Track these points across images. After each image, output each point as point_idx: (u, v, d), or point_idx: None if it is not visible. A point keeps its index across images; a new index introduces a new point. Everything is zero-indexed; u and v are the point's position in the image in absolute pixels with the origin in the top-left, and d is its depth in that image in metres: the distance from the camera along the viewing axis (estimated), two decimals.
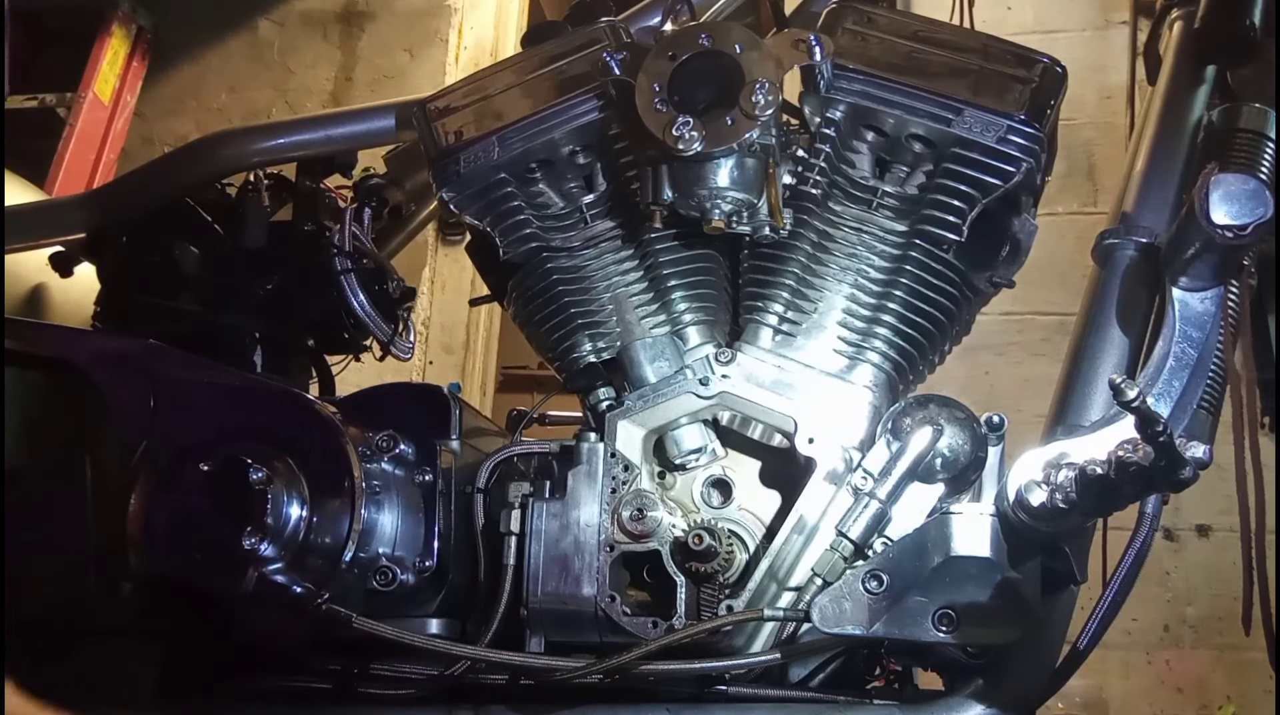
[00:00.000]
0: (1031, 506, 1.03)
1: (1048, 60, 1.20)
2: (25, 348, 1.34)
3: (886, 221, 1.24)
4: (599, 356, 1.28)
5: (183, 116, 3.86)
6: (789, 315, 1.24)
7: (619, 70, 1.23)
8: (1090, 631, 1.12)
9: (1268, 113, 1.29)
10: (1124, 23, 3.50)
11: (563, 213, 1.33)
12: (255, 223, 1.66)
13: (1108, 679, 3.00)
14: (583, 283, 1.30)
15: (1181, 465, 0.89)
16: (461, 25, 3.87)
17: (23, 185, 2.05)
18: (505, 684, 1.23)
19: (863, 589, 1.07)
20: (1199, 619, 3.03)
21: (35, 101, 3.59)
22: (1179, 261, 1.17)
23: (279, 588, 1.12)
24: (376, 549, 1.19)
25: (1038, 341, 3.24)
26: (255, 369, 1.64)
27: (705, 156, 1.16)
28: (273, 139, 1.63)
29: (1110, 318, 1.25)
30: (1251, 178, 1.10)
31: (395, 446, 1.23)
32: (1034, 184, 1.22)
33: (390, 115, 1.57)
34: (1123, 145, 2.92)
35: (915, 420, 1.13)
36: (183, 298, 1.65)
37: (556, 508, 1.20)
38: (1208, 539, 3.07)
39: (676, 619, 1.15)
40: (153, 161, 1.73)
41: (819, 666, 1.20)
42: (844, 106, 1.24)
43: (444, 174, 1.32)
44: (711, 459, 1.25)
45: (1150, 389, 1.14)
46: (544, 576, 1.18)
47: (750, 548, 1.21)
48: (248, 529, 1.11)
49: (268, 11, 3.97)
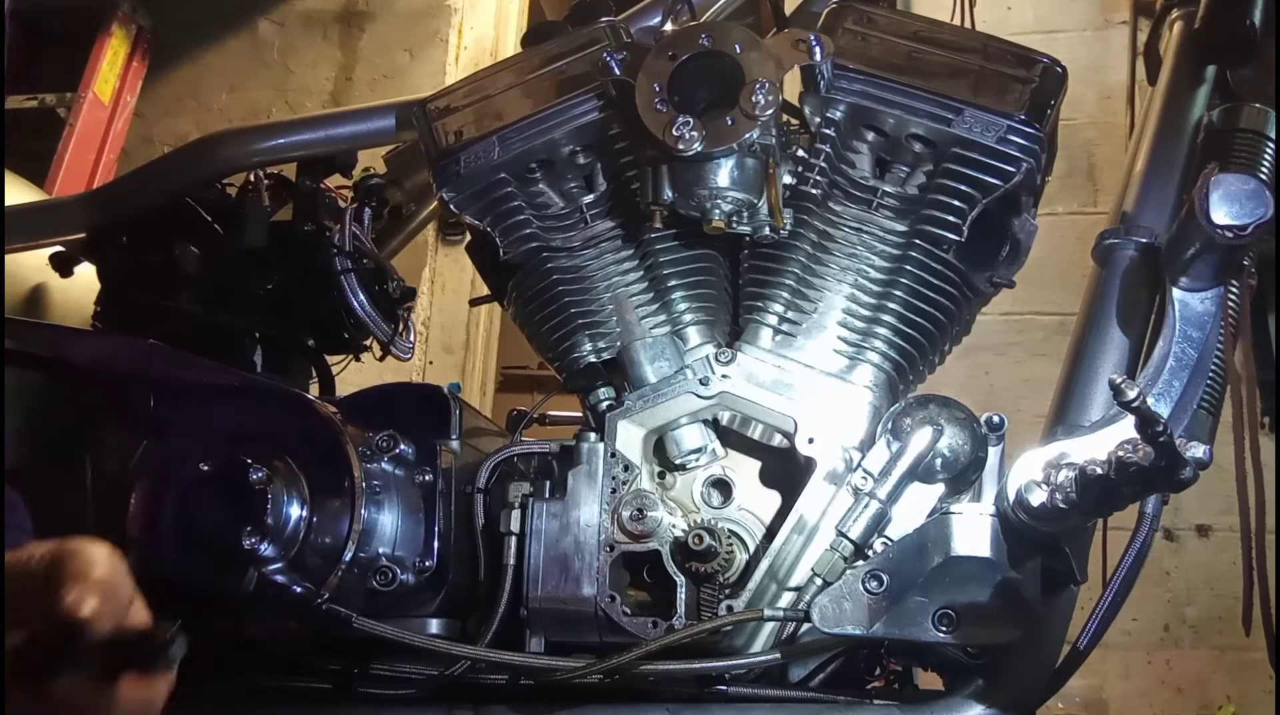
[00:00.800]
0: (1031, 506, 1.03)
1: (1048, 60, 1.20)
2: (25, 348, 1.34)
3: (886, 221, 1.24)
4: (599, 356, 1.28)
5: (183, 116, 3.86)
6: (789, 315, 1.24)
7: (619, 70, 1.23)
8: (1090, 631, 1.12)
9: (1268, 113, 1.29)
10: (1124, 23, 3.50)
11: (563, 213, 1.33)
12: (255, 223, 1.66)
13: (1108, 679, 3.00)
14: (583, 283, 1.30)
15: (1181, 465, 0.89)
16: (461, 25, 3.87)
17: (23, 185, 2.05)
18: (505, 684, 1.23)
19: (863, 589, 1.07)
20: (1199, 619, 3.03)
21: (35, 101, 3.59)
22: (1179, 261, 1.17)
23: (279, 588, 1.12)
24: (376, 549, 1.19)
25: (1038, 341, 3.24)
26: (255, 369, 1.64)
27: (705, 156, 1.16)
28: (273, 139, 1.63)
29: (1110, 318, 1.25)
30: (1251, 178, 1.10)
31: (395, 446, 1.23)
32: (1034, 184, 1.22)
33: (390, 115, 1.57)
34: (1123, 145, 2.92)
35: (915, 420, 1.13)
36: (183, 298, 1.65)
37: (556, 508, 1.20)
38: (1208, 539, 3.07)
39: (676, 619, 1.15)
40: (153, 161, 1.73)
41: (819, 666, 1.20)
42: (844, 106, 1.24)
43: (444, 174, 1.32)
44: (711, 459, 1.25)
45: (1150, 389, 1.14)
46: (544, 576, 1.18)
47: (750, 548, 1.21)
48: (248, 529, 1.11)
49: (268, 11, 3.97)
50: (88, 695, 0.73)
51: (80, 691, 0.73)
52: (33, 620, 0.72)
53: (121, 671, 0.74)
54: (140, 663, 0.75)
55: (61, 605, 0.71)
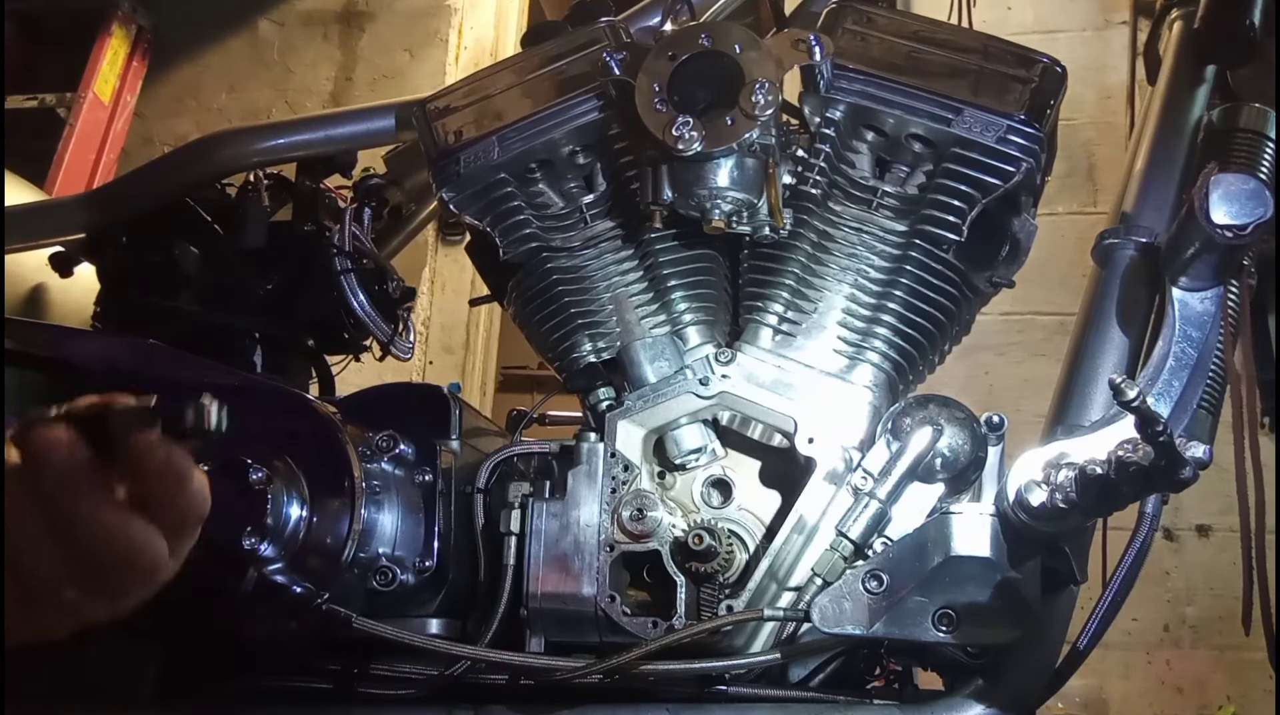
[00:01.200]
0: (1031, 506, 1.03)
1: (1048, 60, 1.20)
2: (25, 348, 1.34)
3: (886, 221, 1.24)
4: (599, 356, 1.28)
5: (183, 116, 3.86)
6: (789, 315, 1.24)
7: (619, 70, 1.23)
8: (1090, 631, 1.12)
9: (1268, 113, 1.29)
10: (1124, 23, 3.51)
11: (563, 213, 1.33)
12: (255, 223, 1.66)
13: (1108, 679, 3.00)
14: (583, 283, 1.30)
15: (1181, 465, 0.89)
16: (461, 25, 3.87)
17: (23, 185, 2.05)
18: (505, 684, 1.23)
19: (863, 589, 1.07)
20: (1199, 619, 3.03)
21: (35, 101, 3.60)
22: (1179, 261, 1.17)
23: (279, 588, 1.12)
24: (376, 549, 1.19)
25: (1038, 341, 3.25)
26: (255, 369, 1.64)
27: (705, 156, 1.16)
28: (273, 139, 1.63)
29: (1110, 318, 1.25)
30: (1251, 178, 1.10)
31: (395, 446, 1.23)
32: (1034, 184, 1.22)
33: (390, 115, 1.57)
34: (1123, 145, 2.92)
35: (915, 420, 1.13)
36: (183, 298, 1.65)
37: (556, 508, 1.20)
38: (1208, 539, 3.07)
39: (676, 619, 1.15)
40: (153, 161, 1.73)
41: (819, 666, 1.20)
42: (844, 106, 1.24)
43: (444, 174, 1.32)
44: (711, 459, 1.25)
45: (1150, 389, 1.14)
46: (544, 576, 1.18)
47: (750, 548, 1.21)
48: (248, 529, 1.11)
49: (268, 11, 3.97)
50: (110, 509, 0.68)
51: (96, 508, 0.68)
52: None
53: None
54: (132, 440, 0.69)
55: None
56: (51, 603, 0.70)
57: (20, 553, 0.68)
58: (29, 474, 0.67)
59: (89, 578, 0.70)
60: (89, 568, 0.69)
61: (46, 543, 0.68)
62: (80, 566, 0.69)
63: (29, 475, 0.67)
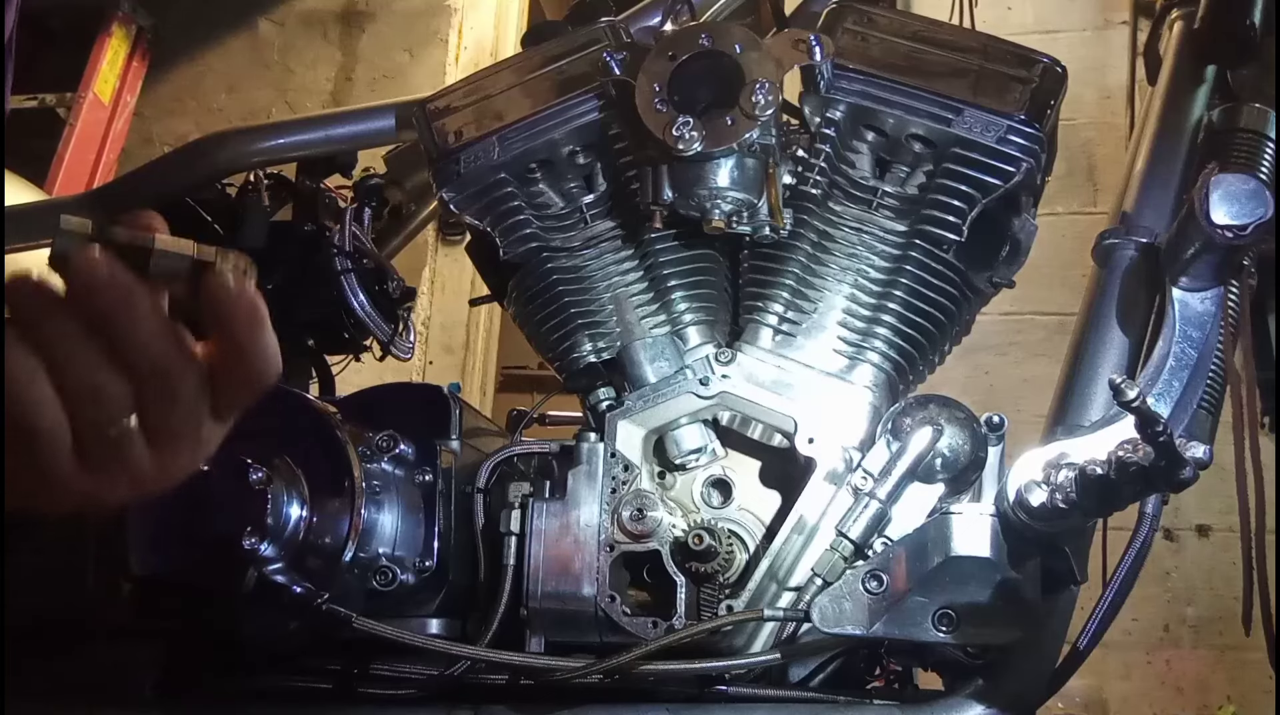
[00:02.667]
0: (1031, 506, 1.03)
1: (1048, 60, 1.20)
2: None
3: (886, 221, 1.24)
4: (599, 356, 1.28)
5: (183, 116, 3.87)
6: (789, 315, 1.24)
7: (619, 70, 1.23)
8: (1090, 631, 1.12)
9: (1268, 113, 1.30)
10: (1124, 23, 3.51)
11: (563, 213, 1.33)
12: (255, 223, 1.66)
13: (1108, 679, 3.00)
14: (583, 283, 1.30)
15: (1181, 465, 0.89)
16: (461, 25, 3.88)
17: (23, 185, 2.05)
18: (505, 684, 1.23)
19: (863, 589, 1.07)
20: (1199, 619, 3.03)
21: (35, 101, 3.60)
22: (1179, 261, 1.17)
23: (279, 588, 1.12)
24: (376, 549, 1.19)
25: (1038, 341, 3.25)
26: None
27: (705, 156, 1.16)
28: (273, 139, 1.63)
29: (1110, 318, 1.25)
30: (1251, 178, 1.10)
31: (395, 446, 1.23)
32: (1034, 184, 1.22)
33: (390, 115, 1.57)
34: (1123, 145, 2.92)
35: (915, 420, 1.13)
36: None
37: (556, 508, 1.20)
38: (1208, 539, 3.07)
39: (676, 619, 1.15)
40: (153, 161, 1.73)
41: (819, 666, 1.20)
42: (844, 106, 1.24)
43: (444, 174, 1.32)
44: (711, 459, 1.25)
45: (1150, 389, 1.14)
46: (544, 576, 1.18)
47: (750, 548, 1.21)
48: (248, 529, 1.11)
49: (268, 11, 3.98)
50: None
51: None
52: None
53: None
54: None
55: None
56: (105, 451, 0.62)
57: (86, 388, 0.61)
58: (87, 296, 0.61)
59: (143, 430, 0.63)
60: (147, 411, 0.62)
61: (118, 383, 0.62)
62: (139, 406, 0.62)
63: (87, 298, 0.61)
